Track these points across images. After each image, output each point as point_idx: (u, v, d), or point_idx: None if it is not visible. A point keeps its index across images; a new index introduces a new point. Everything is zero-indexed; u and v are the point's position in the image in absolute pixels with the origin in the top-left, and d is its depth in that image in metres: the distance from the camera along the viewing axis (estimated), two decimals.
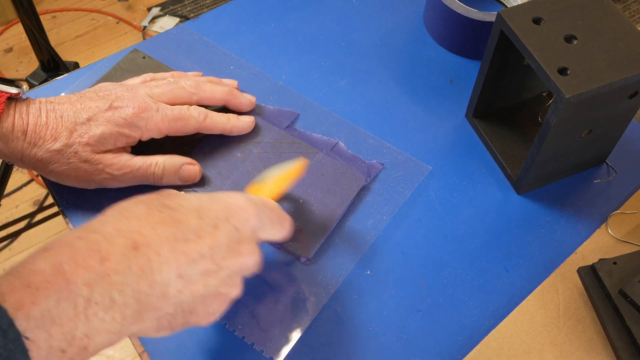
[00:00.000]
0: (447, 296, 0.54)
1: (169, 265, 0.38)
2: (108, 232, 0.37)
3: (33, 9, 1.19)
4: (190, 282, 0.39)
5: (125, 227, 0.37)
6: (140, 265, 0.36)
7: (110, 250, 0.36)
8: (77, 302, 0.33)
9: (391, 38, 0.72)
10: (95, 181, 0.54)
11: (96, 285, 0.34)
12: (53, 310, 0.32)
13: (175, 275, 0.38)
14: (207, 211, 0.41)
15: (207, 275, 0.40)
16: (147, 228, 0.38)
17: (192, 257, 0.39)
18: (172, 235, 0.38)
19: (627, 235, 0.57)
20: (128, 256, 0.36)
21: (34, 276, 0.33)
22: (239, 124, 0.60)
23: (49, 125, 0.51)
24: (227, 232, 0.41)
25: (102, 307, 0.34)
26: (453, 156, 0.62)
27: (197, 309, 0.41)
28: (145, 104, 0.54)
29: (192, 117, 0.56)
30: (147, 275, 0.37)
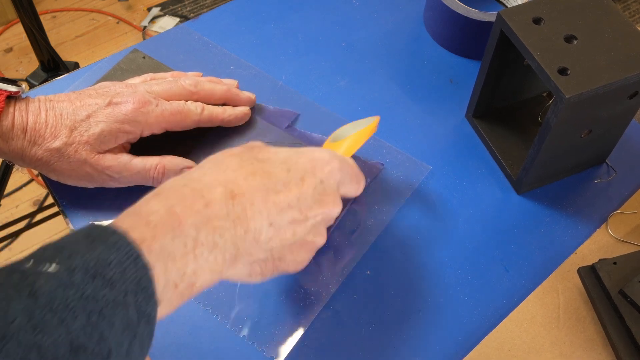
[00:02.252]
0: (447, 296, 0.54)
1: (261, 214, 0.40)
2: (208, 181, 0.40)
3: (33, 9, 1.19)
4: (279, 230, 0.42)
5: (223, 178, 0.40)
6: (237, 213, 0.39)
7: (212, 198, 0.39)
8: (187, 241, 0.36)
9: (391, 38, 0.72)
10: (95, 181, 0.54)
11: (202, 227, 0.37)
12: (169, 247, 0.35)
13: (267, 223, 0.41)
14: (294, 164, 0.44)
15: (295, 224, 0.43)
16: (241, 179, 0.41)
17: (282, 206, 0.42)
18: (263, 186, 0.41)
19: (627, 235, 0.57)
20: (226, 204, 0.39)
21: (151, 215, 0.36)
22: (236, 113, 0.61)
23: (48, 124, 0.51)
24: (313, 184, 0.44)
25: (207, 248, 0.37)
26: (453, 156, 0.62)
27: (285, 256, 0.44)
28: (144, 99, 0.54)
29: (191, 110, 0.57)
30: (243, 222, 0.39)
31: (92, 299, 0.30)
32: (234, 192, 0.40)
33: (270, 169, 0.42)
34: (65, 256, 0.31)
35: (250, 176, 0.41)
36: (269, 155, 0.44)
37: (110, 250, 0.32)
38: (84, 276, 0.31)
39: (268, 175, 0.42)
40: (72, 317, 0.29)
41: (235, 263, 0.40)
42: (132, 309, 0.32)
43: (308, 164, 0.44)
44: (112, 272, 0.32)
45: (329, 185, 0.45)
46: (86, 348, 0.30)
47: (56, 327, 0.29)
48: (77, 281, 0.30)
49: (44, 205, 1.58)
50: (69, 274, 0.31)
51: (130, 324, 0.32)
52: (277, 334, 0.51)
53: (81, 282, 0.30)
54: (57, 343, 0.29)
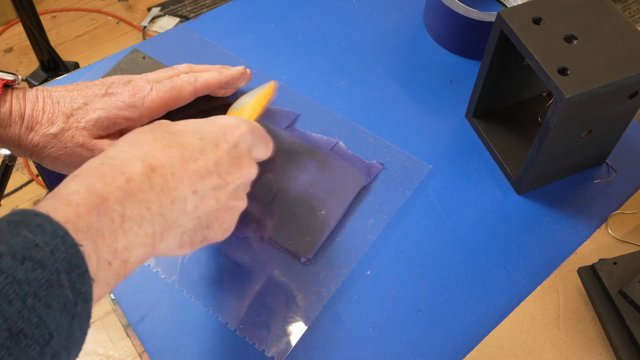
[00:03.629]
0: (447, 296, 0.54)
1: (183, 183, 0.40)
2: (126, 157, 0.39)
3: (33, 9, 1.19)
4: (203, 198, 0.42)
5: (139, 153, 0.40)
6: (159, 184, 0.39)
7: (132, 172, 0.38)
8: (114, 217, 0.36)
9: (391, 38, 0.72)
10: None
11: (126, 202, 0.37)
12: (96, 224, 0.35)
13: (190, 191, 0.41)
14: (206, 132, 0.44)
15: (216, 190, 0.43)
16: (158, 152, 0.41)
17: (202, 173, 0.42)
18: (180, 156, 0.41)
19: (627, 235, 0.57)
20: (148, 177, 0.39)
21: (71, 196, 0.35)
22: (232, 72, 0.61)
23: (45, 110, 0.52)
24: (227, 148, 0.44)
25: (135, 222, 0.37)
26: (453, 156, 0.62)
27: (212, 223, 0.44)
28: (138, 86, 0.55)
29: (185, 82, 0.57)
30: (167, 193, 0.39)
31: (24, 282, 0.30)
32: (153, 164, 0.40)
33: (184, 139, 0.43)
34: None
35: (166, 148, 0.41)
36: (179, 128, 0.44)
37: (35, 233, 0.32)
38: (12, 261, 0.30)
39: (182, 145, 0.42)
40: (7, 302, 0.29)
41: (165, 235, 0.40)
42: (67, 288, 0.31)
43: (219, 130, 0.45)
44: (41, 254, 0.31)
45: (242, 148, 0.45)
46: (26, 333, 0.29)
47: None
48: (5, 267, 0.30)
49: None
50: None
51: (68, 304, 0.31)
52: (278, 334, 0.51)
53: (10, 267, 0.30)
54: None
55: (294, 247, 0.55)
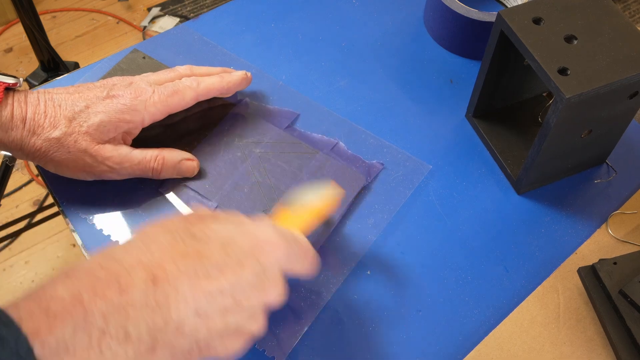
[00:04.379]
0: (447, 296, 0.54)
1: (186, 303, 0.37)
2: (129, 263, 0.36)
3: (33, 9, 1.19)
4: (207, 319, 0.38)
5: (147, 259, 0.37)
6: (157, 301, 0.36)
7: (130, 283, 0.35)
8: (92, 333, 0.33)
9: (391, 38, 0.72)
10: (94, 173, 0.54)
11: (112, 317, 0.34)
12: (68, 340, 0.32)
13: (193, 312, 0.37)
14: (234, 246, 0.40)
15: (227, 312, 0.39)
16: (169, 261, 0.37)
17: (212, 294, 0.38)
18: (193, 270, 0.37)
19: (627, 235, 0.57)
20: (146, 291, 0.35)
21: (52, 302, 0.33)
22: (233, 78, 0.61)
23: (47, 114, 0.51)
24: (253, 269, 0.40)
25: (116, 340, 0.34)
26: (453, 156, 0.62)
27: (214, 345, 0.39)
28: (140, 88, 0.55)
29: (187, 86, 0.57)
30: (163, 312, 0.36)
31: None
32: (157, 277, 0.36)
33: (205, 250, 0.39)
34: None
35: (180, 258, 0.37)
36: (208, 233, 0.40)
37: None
38: None
39: (201, 257, 0.38)
40: None
41: (154, 354, 0.36)
42: None
43: (249, 246, 0.40)
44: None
45: (270, 269, 0.41)
46: None
47: None
48: None
49: (44, 205, 1.58)
50: None
51: None
52: (278, 333, 0.51)
53: None
54: None
55: None
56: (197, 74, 0.60)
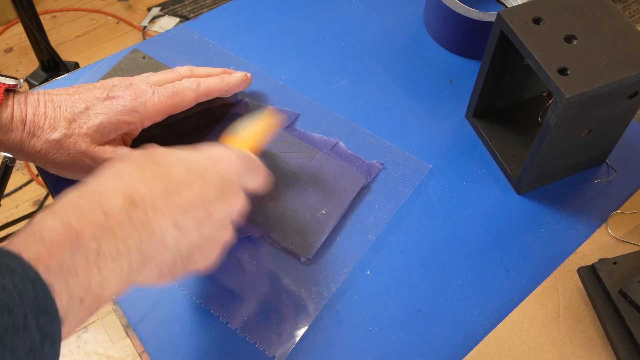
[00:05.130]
0: (447, 296, 0.54)
1: (164, 217, 0.40)
2: (106, 190, 0.39)
3: (33, 9, 1.19)
4: (185, 231, 0.41)
5: (121, 186, 0.39)
6: (139, 219, 0.38)
7: (111, 207, 0.37)
8: (88, 254, 0.35)
9: (391, 38, 0.72)
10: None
11: (102, 238, 0.36)
12: (69, 262, 0.34)
13: (171, 225, 0.40)
14: (193, 162, 0.43)
15: (200, 223, 0.42)
16: (141, 185, 0.40)
17: (185, 207, 0.41)
18: (164, 189, 0.40)
19: (627, 235, 0.57)
20: (127, 211, 0.38)
21: (46, 233, 0.35)
22: (233, 79, 0.61)
23: (47, 116, 0.52)
24: (216, 181, 0.43)
25: (110, 258, 0.36)
26: (453, 156, 0.62)
27: (193, 256, 0.43)
28: (140, 89, 0.55)
29: (187, 87, 0.57)
30: (146, 228, 0.38)
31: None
32: (134, 198, 0.38)
33: (169, 171, 0.42)
34: None
35: (149, 181, 0.40)
36: (166, 157, 0.43)
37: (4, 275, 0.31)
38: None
39: (168, 177, 0.41)
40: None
41: (144, 268, 0.39)
42: (35, 331, 0.31)
43: (207, 161, 0.44)
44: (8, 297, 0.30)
45: (229, 179, 0.44)
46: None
47: None
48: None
49: (44, 205, 1.57)
50: None
51: (34, 348, 0.30)
52: (278, 333, 0.51)
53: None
54: None
55: (294, 247, 0.55)
56: (197, 75, 0.60)
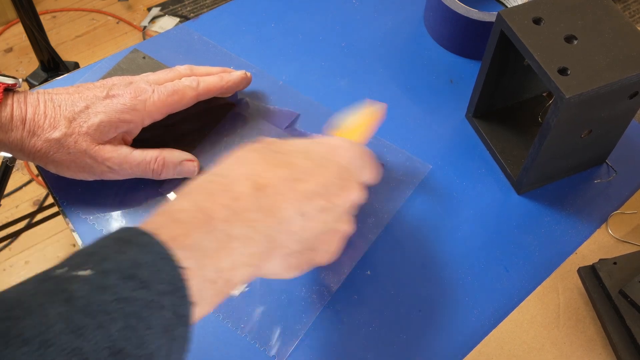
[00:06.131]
0: (447, 296, 0.54)
1: (290, 204, 0.40)
2: (234, 175, 0.40)
3: (33, 9, 1.19)
4: (309, 219, 0.41)
5: (247, 171, 0.40)
6: (267, 204, 0.39)
7: (239, 191, 0.38)
8: (219, 236, 0.36)
9: (391, 38, 0.72)
10: (95, 173, 0.54)
11: (233, 221, 0.37)
12: (202, 242, 0.35)
13: (297, 212, 0.40)
14: (314, 152, 0.44)
15: (322, 212, 0.42)
16: (266, 171, 0.40)
17: (308, 195, 0.41)
18: (288, 176, 0.41)
19: (627, 235, 0.57)
20: (255, 196, 0.39)
21: (179, 214, 0.36)
22: (233, 78, 0.61)
23: (47, 115, 0.52)
24: (335, 170, 0.43)
25: (241, 242, 0.37)
26: (453, 156, 0.62)
27: (318, 247, 0.43)
28: (140, 88, 0.55)
29: (187, 86, 0.57)
30: (274, 213, 0.39)
31: (128, 302, 0.30)
32: (261, 184, 0.39)
33: (291, 159, 0.42)
34: (97, 260, 0.31)
35: (273, 168, 0.41)
36: (287, 147, 0.44)
37: (141, 252, 0.32)
38: (117, 279, 0.30)
39: (290, 165, 0.42)
40: (110, 320, 0.29)
41: (271, 256, 0.39)
42: (168, 310, 0.31)
43: (327, 151, 0.44)
44: (145, 273, 0.31)
45: (348, 169, 0.44)
46: (127, 353, 0.29)
47: (95, 331, 0.28)
48: (111, 284, 0.30)
49: (44, 205, 1.58)
50: (103, 277, 0.30)
51: (168, 327, 0.31)
52: (279, 333, 0.51)
53: (115, 285, 0.30)
54: (98, 347, 0.28)
55: None
56: (197, 74, 0.60)
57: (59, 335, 0.27)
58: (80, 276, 0.30)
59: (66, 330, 0.28)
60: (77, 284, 0.29)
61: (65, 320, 0.28)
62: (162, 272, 0.32)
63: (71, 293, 0.29)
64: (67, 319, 0.28)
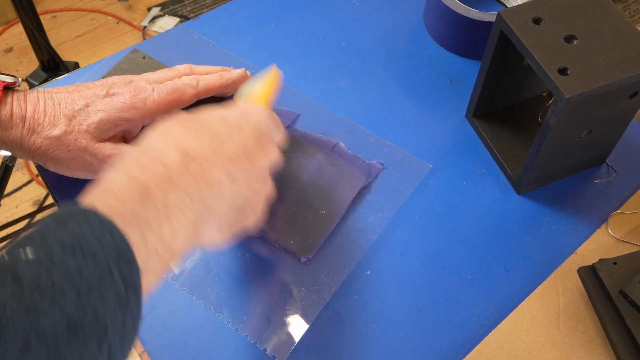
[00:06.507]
0: (447, 296, 0.54)
1: (217, 167, 0.41)
2: (160, 146, 0.40)
3: (33, 9, 1.19)
4: (236, 181, 0.42)
5: (172, 141, 0.41)
6: (196, 170, 0.39)
7: (169, 160, 0.39)
8: (157, 205, 0.36)
9: (391, 38, 0.72)
10: (95, 171, 0.54)
11: (167, 189, 0.37)
12: (141, 212, 0.35)
13: (225, 175, 0.41)
14: (229, 117, 0.45)
15: (246, 173, 0.43)
16: (190, 139, 0.41)
17: (232, 158, 0.42)
18: (210, 141, 0.42)
19: (627, 235, 0.57)
20: (185, 164, 0.39)
21: (114, 186, 0.36)
22: (233, 76, 0.61)
23: (47, 113, 0.52)
24: (251, 132, 0.45)
25: (178, 209, 0.37)
26: (453, 156, 0.62)
27: (245, 208, 0.44)
28: (140, 86, 0.55)
29: (186, 84, 0.57)
30: (204, 178, 0.40)
31: (76, 274, 0.29)
32: (188, 151, 0.40)
33: (210, 126, 0.43)
34: (38, 238, 0.30)
35: (196, 135, 0.42)
36: (204, 116, 0.45)
37: (82, 225, 0.31)
38: (62, 253, 0.30)
39: (210, 131, 0.43)
40: (62, 294, 0.29)
41: (206, 221, 0.40)
42: (118, 279, 0.31)
43: (240, 115, 0.46)
44: (89, 245, 0.31)
45: (262, 130, 0.46)
46: (83, 325, 0.29)
47: (49, 307, 0.28)
48: (57, 259, 0.29)
49: (44, 205, 1.58)
50: (48, 253, 0.30)
51: (120, 296, 0.31)
52: (279, 333, 0.51)
53: (62, 259, 0.30)
54: (54, 323, 0.28)
55: (294, 247, 0.55)
56: (197, 73, 0.60)
57: (12, 318, 0.27)
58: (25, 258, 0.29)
59: (19, 310, 0.27)
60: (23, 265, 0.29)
61: (16, 300, 0.27)
62: (107, 242, 0.31)
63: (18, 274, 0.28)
64: (18, 299, 0.27)
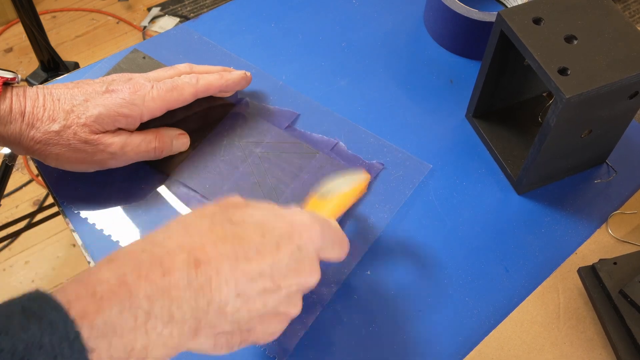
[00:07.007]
0: (447, 296, 0.54)
1: (227, 285, 0.37)
2: (171, 247, 0.37)
3: (33, 9, 1.19)
4: (248, 301, 0.39)
5: (188, 243, 0.37)
6: (200, 283, 0.36)
7: (172, 266, 0.36)
8: (138, 314, 0.33)
9: (391, 38, 0.72)
10: (96, 162, 0.54)
11: (156, 299, 0.34)
12: (115, 321, 0.32)
13: (234, 294, 0.38)
14: (271, 229, 0.41)
15: (266, 294, 0.39)
16: (209, 245, 0.38)
17: (252, 275, 0.38)
18: (233, 253, 0.38)
19: (627, 235, 0.57)
20: (189, 273, 0.36)
21: (98, 285, 0.33)
22: (233, 77, 0.61)
23: (46, 107, 0.52)
24: (290, 251, 0.41)
25: (161, 321, 0.34)
26: (453, 156, 0.62)
27: (255, 327, 0.40)
28: (139, 83, 0.55)
29: (186, 82, 0.57)
30: (206, 293, 0.36)
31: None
32: (199, 259, 0.37)
33: (243, 234, 0.39)
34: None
35: (219, 241, 0.38)
36: (244, 217, 0.41)
37: (45, 331, 0.29)
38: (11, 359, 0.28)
39: (240, 240, 0.39)
40: None
41: (197, 335, 0.37)
42: None
43: (286, 228, 0.41)
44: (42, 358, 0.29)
45: (307, 252, 0.42)
46: None
47: None
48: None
49: (44, 205, 1.58)
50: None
51: None
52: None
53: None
54: None
55: None
56: (197, 72, 0.60)
57: None
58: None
59: None
60: None
61: None
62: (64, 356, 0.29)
63: None
64: None
